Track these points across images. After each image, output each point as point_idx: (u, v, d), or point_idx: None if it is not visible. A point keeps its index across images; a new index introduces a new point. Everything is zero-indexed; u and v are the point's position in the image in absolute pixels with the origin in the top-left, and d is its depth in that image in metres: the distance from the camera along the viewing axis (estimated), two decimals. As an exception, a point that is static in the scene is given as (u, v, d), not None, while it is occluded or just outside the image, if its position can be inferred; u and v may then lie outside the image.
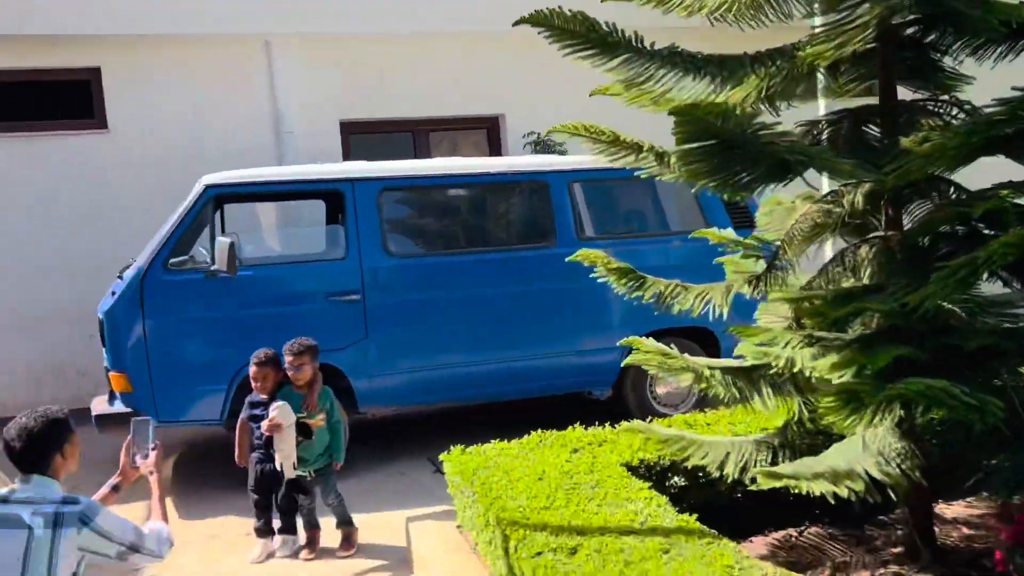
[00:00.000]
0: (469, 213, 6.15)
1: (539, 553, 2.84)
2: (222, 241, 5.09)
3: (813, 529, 3.77)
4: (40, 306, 7.65)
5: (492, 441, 4.18)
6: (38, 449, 2.62)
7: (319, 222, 6.95)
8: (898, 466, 2.74)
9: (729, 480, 3.39)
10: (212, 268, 5.18)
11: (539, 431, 4.25)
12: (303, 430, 4.11)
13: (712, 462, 3.45)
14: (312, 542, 4.24)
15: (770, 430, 4.05)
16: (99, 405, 5.35)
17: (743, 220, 6.11)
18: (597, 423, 4.49)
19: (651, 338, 5.99)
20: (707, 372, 3.30)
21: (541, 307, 5.84)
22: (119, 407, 5.18)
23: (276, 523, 4.32)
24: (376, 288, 5.52)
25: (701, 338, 6.05)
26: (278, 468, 4.16)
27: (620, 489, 3.36)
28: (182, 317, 5.22)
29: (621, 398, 6.11)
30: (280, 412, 4.04)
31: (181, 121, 7.85)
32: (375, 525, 4.69)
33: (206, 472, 5.68)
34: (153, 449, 3.14)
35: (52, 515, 2.52)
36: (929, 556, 3.21)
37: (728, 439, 3.62)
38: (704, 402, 6.16)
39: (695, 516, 3.15)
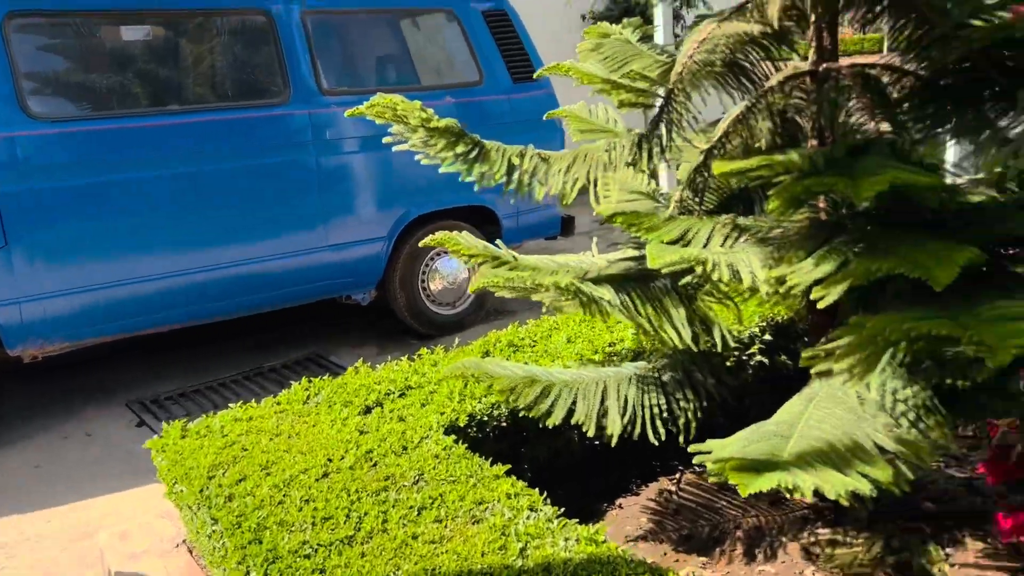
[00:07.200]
0: (161, 59, 4.24)
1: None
2: None
3: (689, 477, 2.84)
4: None
5: (229, 405, 2.69)
6: None
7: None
8: (914, 425, 1.79)
9: (613, 440, 2.29)
10: None
11: (304, 380, 2.82)
12: None
13: (586, 416, 2.33)
14: None
15: (620, 348, 3.03)
16: None
17: (521, 68, 4.92)
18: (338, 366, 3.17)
19: (426, 224, 4.80)
20: (589, 290, 2.08)
21: (275, 188, 4.25)
22: None
23: None
24: (21, 173, 3.58)
25: (480, 220, 4.92)
26: None
27: (462, 481, 2.11)
28: None
29: (387, 300, 4.82)
30: None
31: None
32: (48, 534, 3.06)
33: None
34: None
35: None
36: (867, 510, 2.39)
37: (593, 373, 2.50)
38: (482, 302, 5.09)
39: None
